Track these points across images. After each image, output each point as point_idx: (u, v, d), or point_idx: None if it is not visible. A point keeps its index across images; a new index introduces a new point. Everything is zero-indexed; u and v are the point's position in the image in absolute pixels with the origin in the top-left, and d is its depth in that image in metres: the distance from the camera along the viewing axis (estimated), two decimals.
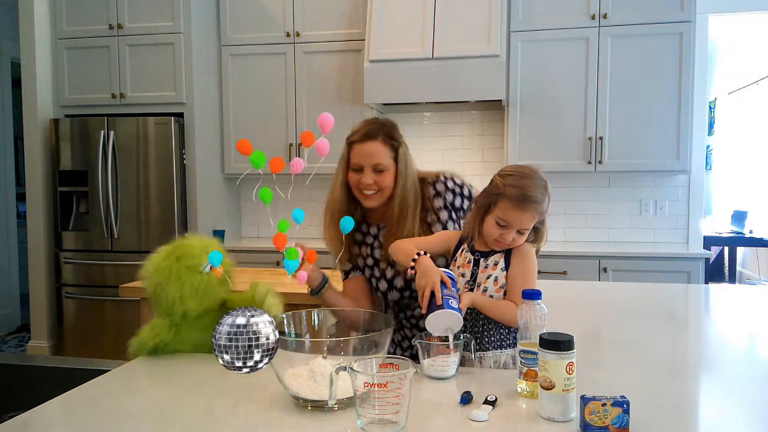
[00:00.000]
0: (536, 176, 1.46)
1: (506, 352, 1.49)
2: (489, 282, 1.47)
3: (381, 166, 1.67)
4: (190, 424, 1.12)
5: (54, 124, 3.98)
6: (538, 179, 1.45)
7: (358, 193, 1.72)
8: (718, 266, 6.26)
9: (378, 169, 1.67)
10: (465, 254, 1.53)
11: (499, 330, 1.49)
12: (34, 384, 1.62)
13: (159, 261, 1.51)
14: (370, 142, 1.68)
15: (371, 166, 1.67)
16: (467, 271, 1.51)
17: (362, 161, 1.68)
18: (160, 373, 1.45)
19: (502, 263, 1.48)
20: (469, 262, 1.51)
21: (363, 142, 1.69)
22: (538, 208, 1.43)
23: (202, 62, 4.04)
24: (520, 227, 1.44)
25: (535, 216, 1.44)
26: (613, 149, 3.75)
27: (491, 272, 1.48)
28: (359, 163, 1.69)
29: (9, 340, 4.76)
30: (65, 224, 4.06)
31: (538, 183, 1.44)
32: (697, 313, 2.26)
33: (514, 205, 1.42)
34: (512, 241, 1.45)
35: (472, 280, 1.50)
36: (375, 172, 1.68)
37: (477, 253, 1.51)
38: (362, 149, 1.68)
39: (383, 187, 1.69)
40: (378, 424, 1.04)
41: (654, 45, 3.66)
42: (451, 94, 3.72)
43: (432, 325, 1.36)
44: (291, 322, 1.40)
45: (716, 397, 1.29)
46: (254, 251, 3.97)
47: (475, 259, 1.51)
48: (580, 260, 3.61)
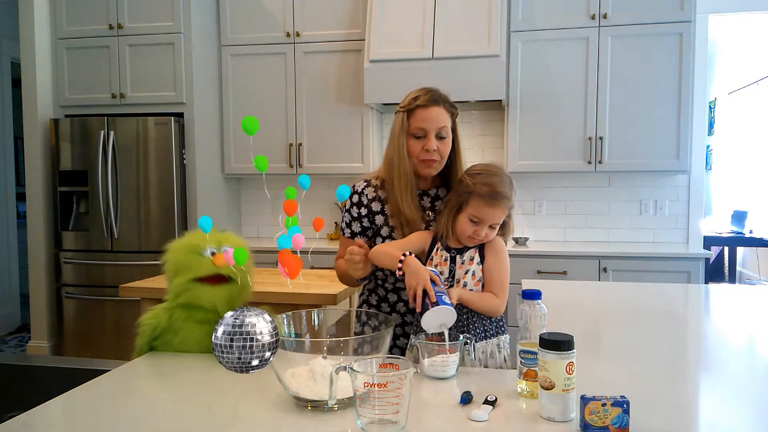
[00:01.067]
0: (503, 173, 1.57)
1: (492, 342, 1.59)
2: (467, 277, 1.56)
3: (445, 132, 1.65)
4: (190, 424, 1.12)
5: (54, 124, 3.98)
6: (505, 176, 1.56)
7: (417, 162, 1.67)
8: (718, 266, 6.26)
9: (441, 135, 1.65)
10: (441, 252, 1.60)
11: (482, 321, 1.58)
12: (34, 384, 1.62)
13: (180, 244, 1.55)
14: (434, 107, 1.65)
15: (436, 130, 1.64)
16: (445, 268, 1.58)
17: (427, 125, 1.64)
18: (160, 373, 1.45)
19: (477, 258, 1.57)
20: (445, 260, 1.59)
21: (428, 107, 1.65)
22: (507, 203, 1.54)
23: (202, 62, 4.04)
24: (491, 222, 1.54)
25: (505, 210, 1.55)
26: (613, 149, 3.75)
27: (468, 267, 1.56)
28: (424, 128, 1.64)
29: (9, 340, 4.76)
30: (65, 224, 4.06)
31: (505, 179, 1.55)
32: (697, 313, 2.25)
33: (486, 202, 1.52)
34: (485, 236, 1.55)
35: (451, 277, 1.58)
36: (438, 138, 1.65)
37: (452, 251, 1.59)
38: (428, 114, 1.64)
39: (443, 154, 1.67)
40: (378, 424, 1.04)
41: (654, 45, 3.66)
42: (451, 94, 3.68)
43: (428, 322, 1.38)
44: (291, 322, 1.40)
45: (716, 397, 1.29)
46: (254, 251, 3.95)
47: (451, 256, 1.59)
48: (580, 260, 3.61)
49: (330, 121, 4.09)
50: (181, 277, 1.51)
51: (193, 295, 1.50)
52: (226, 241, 1.55)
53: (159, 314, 1.54)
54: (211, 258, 1.50)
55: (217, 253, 1.50)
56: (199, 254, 1.51)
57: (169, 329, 1.54)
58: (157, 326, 1.53)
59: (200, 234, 1.53)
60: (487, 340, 1.58)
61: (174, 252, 1.54)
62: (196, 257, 1.50)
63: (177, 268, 1.52)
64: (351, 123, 4.05)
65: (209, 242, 1.52)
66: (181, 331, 1.53)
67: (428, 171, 1.68)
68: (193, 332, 1.53)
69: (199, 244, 1.52)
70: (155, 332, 1.54)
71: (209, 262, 1.49)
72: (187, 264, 1.51)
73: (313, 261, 3.85)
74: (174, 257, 1.53)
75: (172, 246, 1.56)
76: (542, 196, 4.17)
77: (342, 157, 4.07)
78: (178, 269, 1.52)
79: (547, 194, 4.17)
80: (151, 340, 1.56)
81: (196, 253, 1.51)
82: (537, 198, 4.17)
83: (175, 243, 1.56)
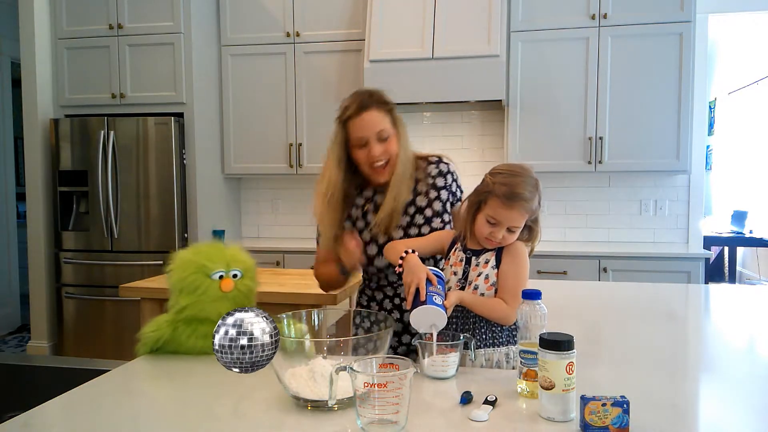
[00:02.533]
0: (526, 174, 1.46)
1: (499, 350, 1.50)
2: (480, 280, 1.48)
3: (385, 133, 1.63)
4: (190, 424, 1.12)
5: (54, 124, 3.98)
6: (529, 177, 1.46)
7: (369, 171, 1.66)
8: (718, 266, 6.26)
9: (382, 137, 1.63)
10: (457, 253, 1.55)
11: (491, 328, 1.50)
12: (34, 384, 1.62)
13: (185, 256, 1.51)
14: (366, 112, 1.63)
15: (375, 135, 1.63)
16: (459, 269, 1.52)
17: (365, 133, 1.62)
18: (160, 373, 1.45)
19: (492, 261, 1.48)
20: (461, 261, 1.52)
21: (359, 114, 1.63)
22: (526, 205, 1.43)
23: (202, 62, 4.04)
24: (509, 225, 1.44)
25: (524, 214, 1.44)
26: (613, 149, 3.75)
27: (482, 270, 1.48)
28: (363, 136, 1.63)
29: (9, 340, 4.76)
30: (65, 224, 4.06)
31: (527, 181, 1.44)
32: (697, 313, 2.25)
33: (502, 203, 1.42)
34: (502, 239, 1.45)
35: (464, 279, 1.51)
36: (380, 141, 1.63)
37: (468, 252, 1.52)
38: (361, 122, 1.63)
39: (392, 154, 1.65)
40: (378, 424, 1.04)
41: (654, 45, 3.66)
42: (451, 94, 3.72)
43: (416, 320, 1.36)
44: (291, 322, 1.40)
45: (716, 397, 1.29)
46: (254, 251, 3.94)
47: (466, 257, 1.52)
48: (580, 260, 3.61)
49: (330, 121, 4.03)
50: (186, 296, 1.47)
51: (198, 308, 1.48)
52: (235, 263, 1.51)
53: (161, 327, 1.51)
54: (218, 282, 1.47)
55: (226, 276, 1.48)
56: (207, 276, 1.47)
57: (171, 341, 1.51)
58: (159, 339, 1.50)
59: (208, 250, 1.51)
60: (494, 347, 1.49)
61: (180, 269, 1.49)
62: (204, 280, 1.47)
63: (182, 287, 1.48)
64: None
65: (217, 262, 1.48)
66: (184, 346, 1.50)
67: (381, 177, 1.67)
68: (196, 347, 1.50)
69: (207, 264, 1.48)
70: (157, 344, 1.51)
71: (217, 288, 1.47)
72: (193, 285, 1.47)
73: (313, 261, 3.84)
74: (180, 275, 1.49)
75: (179, 259, 1.50)
76: (542, 196, 4.16)
77: None
78: (183, 288, 1.48)
79: (547, 194, 4.14)
80: (152, 352, 1.54)
81: (204, 274, 1.47)
82: None
83: (181, 255, 1.51)
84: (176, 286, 1.49)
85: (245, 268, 1.53)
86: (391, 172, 1.66)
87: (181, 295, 1.49)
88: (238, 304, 1.47)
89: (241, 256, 1.54)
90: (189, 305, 1.48)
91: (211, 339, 1.48)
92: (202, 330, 1.50)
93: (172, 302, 1.53)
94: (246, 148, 4.24)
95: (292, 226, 4.46)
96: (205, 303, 1.48)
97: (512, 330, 1.52)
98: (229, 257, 1.51)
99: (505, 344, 1.50)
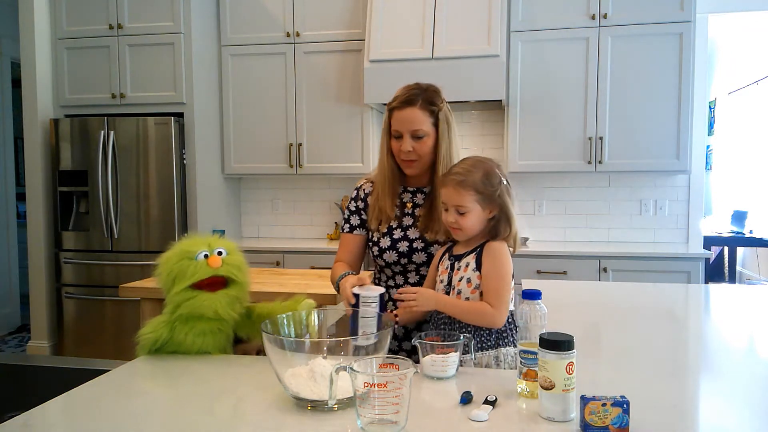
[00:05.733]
0: (475, 161, 1.51)
1: (488, 354, 1.51)
2: (462, 284, 1.51)
3: (420, 133, 1.66)
4: (190, 424, 1.12)
5: (54, 124, 3.98)
6: (477, 163, 1.51)
7: (399, 161, 1.72)
8: (718, 266, 6.26)
9: (417, 136, 1.66)
10: (444, 261, 1.59)
11: (478, 331, 1.51)
12: (34, 384, 1.62)
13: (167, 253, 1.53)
14: (408, 108, 1.67)
15: (410, 132, 1.66)
16: (445, 276, 1.56)
17: (401, 128, 1.67)
18: (160, 373, 1.45)
19: (473, 264, 1.50)
20: (447, 268, 1.57)
21: (401, 109, 1.67)
22: (458, 180, 1.47)
23: (202, 62, 4.04)
24: (453, 203, 1.49)
25: (461, 191, 1.48)
26: (613, 149, 3.75)
27: (463, 274, 1.51)
28: (398, 129, 1.68)
29: (9, 340, 4.76)
30: (65, 224, 4.06)
31: (471, 164, 1.50)
32: (697, 313, 2.25)
33: (441, 182, 1.54)
34: (455, 221, 1.50)
35: (449, 284, 1.54)
36: (414, 138, 1.66)
37: (452, 258, 1.56)
38: (401, 116, 1.67)
39: (422, 154, 1.68)
40: (378, 424, 1.04)
41: (654, 45, 3.66)
42: (451, 94, 3.64)
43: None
44: (291, 322, 1.40)
45: (716, 397, 1.29)
46: (254, 251, 3.97)
47: (450, 263, 1.56)
48: (580, 260, 3.61)
49: (330, 121, 4.09)
50: (178, 285, 1.48)
51: (192, 304, 1.48)
52: (216, 243, 1.53)
53: (158, 328, 1.50)
54: (205, 261, 1.48)
55: (210, 254, 1.50)
56: (192, 259, 1.48)
57: (170, 342, 1.51)
58: (157, 340, 1.50)
59: (189, 239, 1.54)
60: (483, 351, 1.51)
61: (166, 262, 1.51)
62: (190, 262, 1.48)
63: (172, 277, 1.49)
64: (351, 123, 4.05)
65: (199, 245, 1.50)
66: (183, 345, 1.50)
67: (409, 170, 1.72)
68: (195, 345, 1.50)
69: (190, 249, 1.50)
70: (155, 346, 1.50)
71: (204, 265, 1.48)
72: (181, 271, 1.48)
73: (314, 261, 3.85)
74: (167, 267, 1.50)
75: (164, 257, 1.52)
76: (542, 196, 4.17)
77: (342, 157, 4.07)
78: (173, 278, 1.49)
79: (547, 194, 4.17)
80: (150, 353, 1.54)
81: (188, 258, 1.49)
82: (537, 198, 4.17)
83: (165, 254, 1.53)
84: (167, 281, 1.51)
85: (228, 247, 1.55)
86: (420, 169, 1.71)
87: (173, 288, 1.49)
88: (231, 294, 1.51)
89: (220, 240, 1.56)
90: (183, 301, 1.48)
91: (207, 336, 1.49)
92: (199, 327, 1.50)
93: (166, 301, 1.53)
94: (246, 148, 4.24)
95: (292, 226, 4.46)
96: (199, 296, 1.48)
97: (502, 332, 1.53)
98: (209, 240, 1.54)
99: (494, 347, 1.52)
